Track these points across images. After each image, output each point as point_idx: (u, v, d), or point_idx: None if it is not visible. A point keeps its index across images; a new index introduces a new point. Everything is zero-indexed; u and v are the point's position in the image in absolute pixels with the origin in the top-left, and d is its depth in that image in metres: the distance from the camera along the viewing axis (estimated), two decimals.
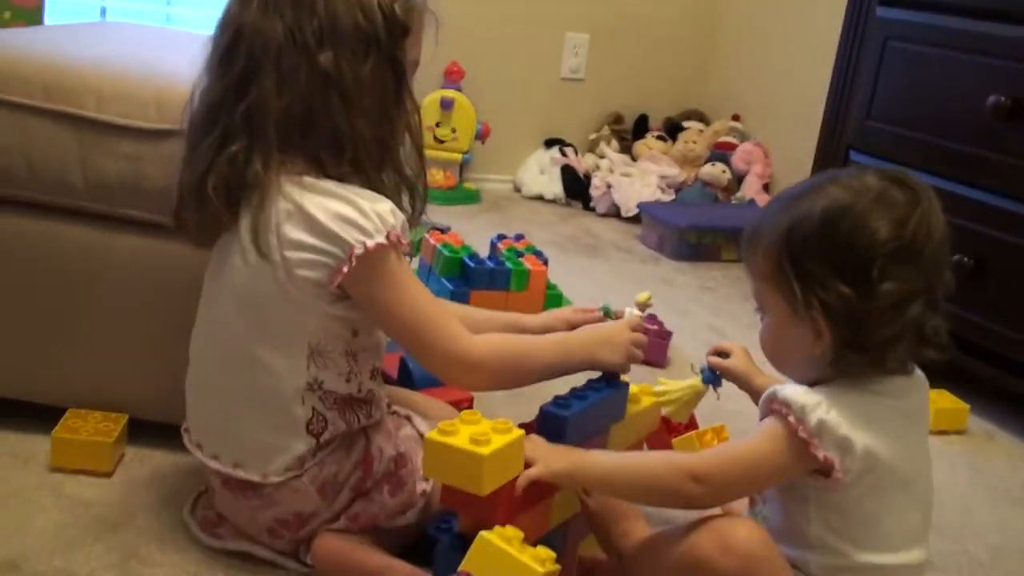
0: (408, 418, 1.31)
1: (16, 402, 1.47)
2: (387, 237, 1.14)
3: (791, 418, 1.02)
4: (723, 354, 1.31)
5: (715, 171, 3.17)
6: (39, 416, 1.45)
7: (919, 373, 1.11)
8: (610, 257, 2.81)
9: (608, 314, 1.40)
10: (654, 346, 1.96)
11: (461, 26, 3.16)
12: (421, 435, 1.23)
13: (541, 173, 3.30)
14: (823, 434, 1.01)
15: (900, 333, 1.02)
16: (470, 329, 1.23)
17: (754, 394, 1.25)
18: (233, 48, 1.17)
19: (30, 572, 1.19)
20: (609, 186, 3.16)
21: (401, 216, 1.18)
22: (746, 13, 3.38)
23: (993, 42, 1.94)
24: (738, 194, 3.16)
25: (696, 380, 1.31)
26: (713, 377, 1.30)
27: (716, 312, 2.45)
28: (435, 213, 2.06)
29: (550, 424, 1.20)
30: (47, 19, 2.41)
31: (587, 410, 1.22)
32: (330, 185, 1.17)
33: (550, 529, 1.18)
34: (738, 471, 1.06)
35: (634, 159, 3.34)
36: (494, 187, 3.33)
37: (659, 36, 3.45)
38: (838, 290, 1.00)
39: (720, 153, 3.24)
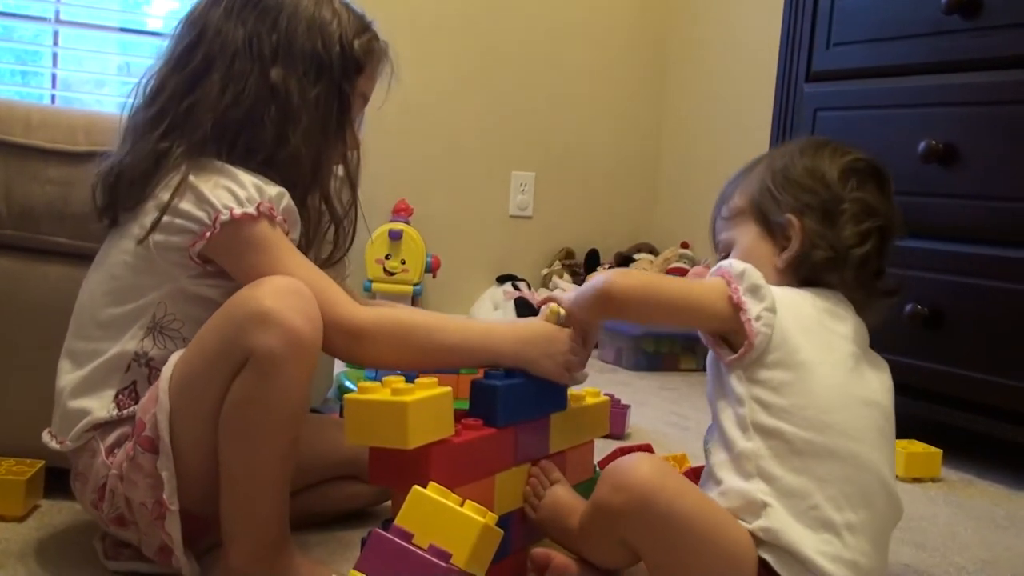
0: None
1: None
2: (257, 208, 1.12)
3: (731, 282, 1.08)
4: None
5: None
6: None
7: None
8: None
9: None
10: (613, 417, 1.90)
11: (409, 165, 3.24)
12: None
13: (495, 309, 3.28)
14: (743, 282, 1.08)
15: (861, 242, 1.12)
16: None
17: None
18: (194, 46, 1.19)
19: None
20: None
21: (287, 200, 1.16)
22: (687, 144, 3.49)
23: (917, 93, 1.99)
24: None
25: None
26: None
27: (677, 402, 2.40)
28: None
29: (481, 396, 1.13)
30: None
31: (521, 386, 1.15)
32: (226, 166, 1.15)
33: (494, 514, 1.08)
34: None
35: None
36: None
37: (604, 173, 3.53)
38: (818, 191, 1.14)
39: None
